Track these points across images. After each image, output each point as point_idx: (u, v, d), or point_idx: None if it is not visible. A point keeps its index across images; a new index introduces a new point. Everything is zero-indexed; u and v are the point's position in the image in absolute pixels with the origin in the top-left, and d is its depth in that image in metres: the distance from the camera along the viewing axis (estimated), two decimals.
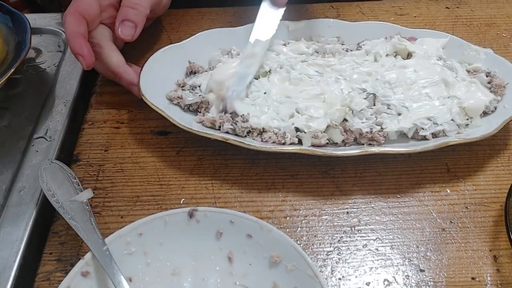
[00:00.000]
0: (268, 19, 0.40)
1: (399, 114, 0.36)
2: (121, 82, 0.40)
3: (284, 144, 0.35)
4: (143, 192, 0.35)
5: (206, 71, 0.40)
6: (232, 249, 0.30)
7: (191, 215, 0.31)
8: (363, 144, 0.35)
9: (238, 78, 0.37)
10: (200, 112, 0.38)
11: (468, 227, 0.32)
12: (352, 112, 0.36)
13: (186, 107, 0.38)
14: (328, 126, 0.35)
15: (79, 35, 0.37)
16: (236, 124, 0.35)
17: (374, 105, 0.37)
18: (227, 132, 0.36)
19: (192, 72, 0.41)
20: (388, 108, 0.36)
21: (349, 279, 0.30)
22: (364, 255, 0.31)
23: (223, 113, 0.36)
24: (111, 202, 0.34)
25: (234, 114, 0.36)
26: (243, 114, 0.36)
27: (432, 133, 0.35)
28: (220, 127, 0.36)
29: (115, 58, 0.40)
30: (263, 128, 0.35)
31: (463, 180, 0.35)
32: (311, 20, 0.44)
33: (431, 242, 0.32)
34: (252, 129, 0.35)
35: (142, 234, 0.30)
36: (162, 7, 0.45)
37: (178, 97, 0.38)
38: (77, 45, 0.37)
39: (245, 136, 0.36)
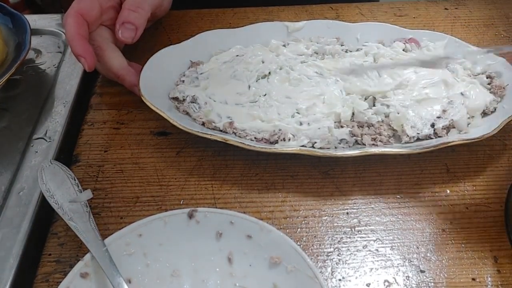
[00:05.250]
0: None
1: (398, 114, 0.36)
2: (123, 83, 0.40)
3: (283, 141, 0.35)
4: (143, 193, 0.35)
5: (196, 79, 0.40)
6: (232, 250, 0.30)
7: (190, 216, 0.31)
8: (364, 145, 0.35)
9: None
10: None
11: (468, 228, 0.32)
12: (353, 113, 0.36)
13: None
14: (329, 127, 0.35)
15: (80, 37, 0.37)
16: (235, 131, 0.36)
17: (374, 105, 0.37)
18: (226, 133, 0.36)
19: (194, 64, 0.41)
20: (388, 108, 0.36)
21: (349, 280, 0.30)
22: (364, 256, 0.31)
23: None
24: (110, 203, 0.34)
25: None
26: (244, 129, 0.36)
27: (443, 126, 0.35)
28: (222, 130, 0.36)
29: (116, 60, 0.40)
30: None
31: (463, 181, 0.35)
32: (311, 21, 0.44)
33: (431, 242, 0.32)
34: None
35: (142, 235, 0.30)
36: (162, 10, 0.45)
37: (184, 111, 0.38)
38: (79, 46, 0.37)
39: (245, 136, 0.36)
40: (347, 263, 0.31)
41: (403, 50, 0.41)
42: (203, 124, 0.37)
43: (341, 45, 0.42)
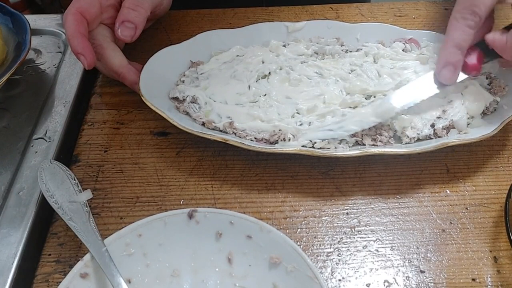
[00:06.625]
0: (421, 88, 0.35)
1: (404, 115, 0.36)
2: (124, 82, 0.40)
3: (283, 141, 0.35)
4: (143, 193, 0.35)
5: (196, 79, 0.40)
6: (231, 250, 0.30)
7: (190, 216, 0.31)
8: (364, 145, 0.35)
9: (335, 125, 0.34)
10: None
11: (468, 228, 0.32)
12: None
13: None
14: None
15: (80, 35, 0.37)
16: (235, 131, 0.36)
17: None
18: (226, 133, 0.36)
19: (195, 64, 0.41)
20: None
21: (349, 280, 0.30)
22: (364, 256, 0.31)
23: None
24: (110, 203, 0.34)
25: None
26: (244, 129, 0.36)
27: (443, 126, 0.35)
28: (222, 130, 0.36)
29: (117, 59, 0.40)
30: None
31: (462, 181, 0.35)
32: (311, 21, 0.44)
33: (431, 243, 0.32)
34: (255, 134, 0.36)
35: (142, 235, 0.30)
36: (162, 9, 0.45)
37: (184, 111, 0.38)
38: (79, 44, 0.37)
39: (245, 136, 0.36)
40: (347, 263, 0.31)
41: (403, 50, 0.41)
42: (203, 124, 0.37)
43: (341, 46, 0.42)
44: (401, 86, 0.38)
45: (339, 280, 0.30)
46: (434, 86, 0.35)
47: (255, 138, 0.35)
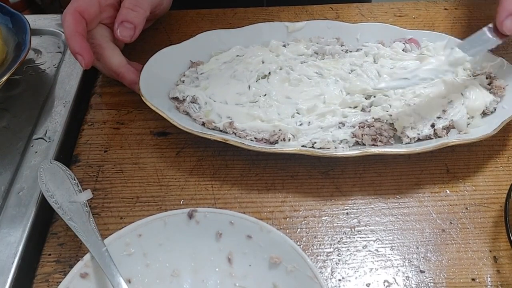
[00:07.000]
0: (485, 38, 0.37)
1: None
2: (123, 81, 0.40)
3: (283, 141, 0.35)
4: (143, 193, 0.35)
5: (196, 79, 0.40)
6: (231, 250, 0.30)
7: (190, 216, 0.31)
8: (364, 145, 0.35)
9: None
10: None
11: (468, 228, 0.32)
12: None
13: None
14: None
15: (78, 34, 0.37)
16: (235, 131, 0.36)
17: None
18: (226, 133, 0.36)
19: (195, 64, 0.41)
20: (390, 108, 0.36)
21: (349, 280, 0.30)
22: (364, 256, 0.31)
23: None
24: (110, 203, 0.34)
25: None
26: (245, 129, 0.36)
27: (443, 126, 0.35)
28: (222, 130, 0.36)
29: (116, 58, 0.40)
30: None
31: (462, 181, 0.35)
32: (311, 21, 0.44)
33: (431, 243, 0.32)
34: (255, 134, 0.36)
35: (142, 235, 0.30)
36: (162, 9, 0.45)
37: (184, 111, 0.38)
38: (76, 44, 0.37)
39: (245, 136, 0.36)
40: (347, 263, 0.31)
41: (403, 50, 0.41)
42: (203, 124, 0.37)
43: (341, 46, 0.42)
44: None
45: (339, 280, 0.30)
46: (496, 36, 0.37)
47: (255, 138, 0.35)
